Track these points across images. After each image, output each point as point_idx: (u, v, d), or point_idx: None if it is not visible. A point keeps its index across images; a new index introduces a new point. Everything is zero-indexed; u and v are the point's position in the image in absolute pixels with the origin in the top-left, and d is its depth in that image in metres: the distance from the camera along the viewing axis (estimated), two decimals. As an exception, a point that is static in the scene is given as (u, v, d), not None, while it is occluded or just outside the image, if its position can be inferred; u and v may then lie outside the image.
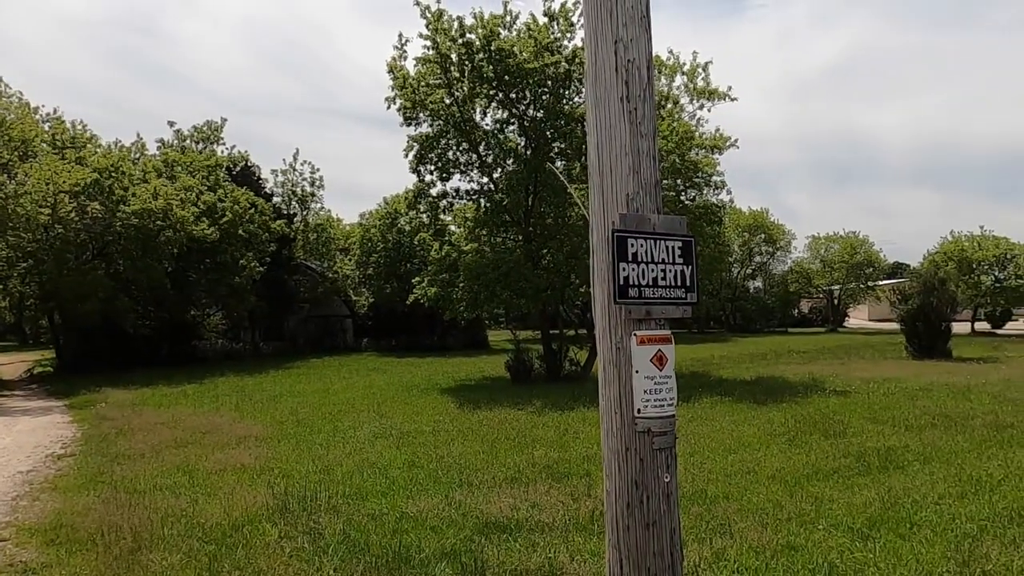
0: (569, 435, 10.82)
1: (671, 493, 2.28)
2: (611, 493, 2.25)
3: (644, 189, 2.36)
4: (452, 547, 5.44)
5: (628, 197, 2.34)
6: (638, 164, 2.35)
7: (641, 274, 2.38)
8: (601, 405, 2.36)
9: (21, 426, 14.63)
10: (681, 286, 2.49)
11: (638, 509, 2.23)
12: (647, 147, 2.37)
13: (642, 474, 2.26)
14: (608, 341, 2.34)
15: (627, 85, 2.34)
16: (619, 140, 2.33)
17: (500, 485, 7.55)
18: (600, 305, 2.35)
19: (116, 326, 27.34)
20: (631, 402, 2.30)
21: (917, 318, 24.74)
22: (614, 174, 2.34)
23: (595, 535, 5.68)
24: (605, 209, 2.36)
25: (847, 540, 5.60)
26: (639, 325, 2.36)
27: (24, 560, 5.73)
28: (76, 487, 8.36)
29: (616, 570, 2.24)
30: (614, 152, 2.34)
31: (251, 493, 7.26)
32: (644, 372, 2.33)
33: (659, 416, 2.31)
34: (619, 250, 2.33)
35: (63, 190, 23.54)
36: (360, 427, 12.02)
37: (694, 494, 7.09)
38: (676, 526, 2.29)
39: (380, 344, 36.99)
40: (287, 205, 40.20)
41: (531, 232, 20.28)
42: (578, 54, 19.66)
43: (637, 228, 2.37)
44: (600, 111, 2.34)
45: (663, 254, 2.44)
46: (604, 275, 2.35)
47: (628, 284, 2.35)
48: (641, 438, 2.29)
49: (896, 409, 12.58)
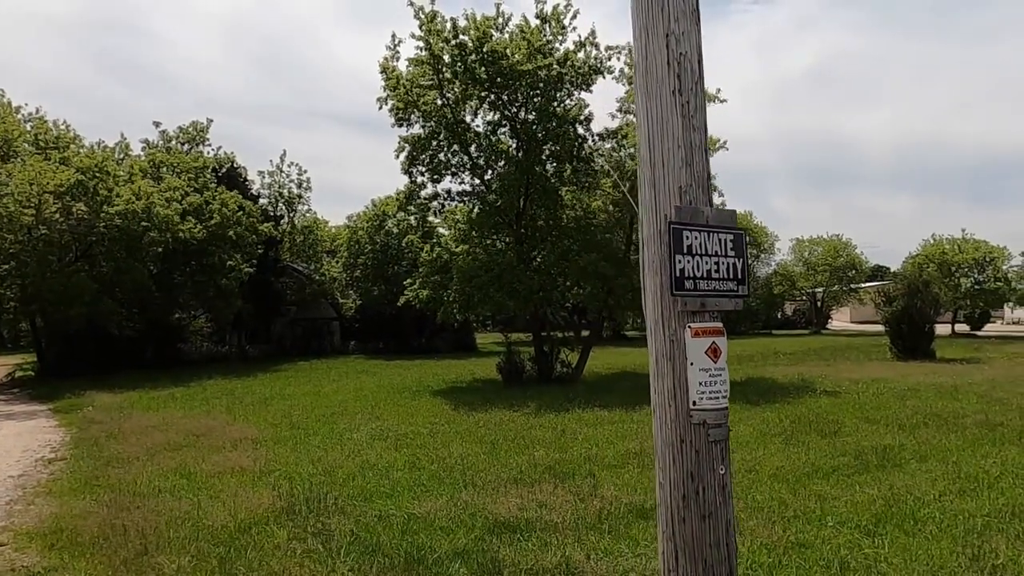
0: (567, 436, 10.84)
1: (726, 485, 2.30)
2: (665, 485, 2.25)
3: (697, 182, 2.38)
4: (464, 547, 5.42)
5: (681, 190, 2.36)
6: (690, 157, 2.37)
7: (696, 266, 2.40)
8: (653, 398, 2.37)
9: (6, 430, 14.35)
10: (733, 279, 2.51)
11: (694, 501, 2.24)
12: (699, 140, 2.38)
13: (697, 466, 2.27)
14: (661, 334, 2.35)
15: (679, 78, 2.36)
16: (671, 133, 2.34)
17: (505, 486, 7.53)
18: (652, 298, 2.35)
19: (100, 329, 26.92)
20: (686, 394, 2.31)
21: (901, 320, 25.11)
22: (666, 167, 2.35)
23: (607, 534, 5.69)
24: (657, 202, 2.37)
25: (855, 537, 5.67)
26: (693, 317, 2.37)
27: (26, 564, 5.62)
28: (71, 491, 8.22)
29: (671, 562, 2.25)
30: (666, 145, 2.35)
31: (254, 495, 7.18)
32: (699, 364, 2.34)
33: (714, 408, 2.33)
34: (675, 242, 2.34)
35: (47, 191, 23.16)
36: (356, 429, 11.94)
37: (699, 493, 7.13)
38: (731, 518, 2.30)
39: (367, 347, 36.79)
40: (274, 207, 39.88)
41: (523, 234, 20.30)
42: (570, 56, 19.74)
43: (691, 221, 2.39)
44: (651, 105, 2.36)
45: (716, 247, 2.46)
46: (657, 268, 2.36)
47: (684, 276, 2.36)
48: (696, 430, 2.30)
49: (887, 409, 12.75)
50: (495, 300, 18.85)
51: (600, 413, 13.33)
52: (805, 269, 55.92)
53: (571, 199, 21.02)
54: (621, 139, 20.62)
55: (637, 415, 13.07)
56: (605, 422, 12.31)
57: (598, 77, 20.27)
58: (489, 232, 20.68)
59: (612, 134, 20.99)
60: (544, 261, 19.68)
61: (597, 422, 12.28)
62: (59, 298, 24.39)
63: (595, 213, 21.21)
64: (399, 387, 19.86)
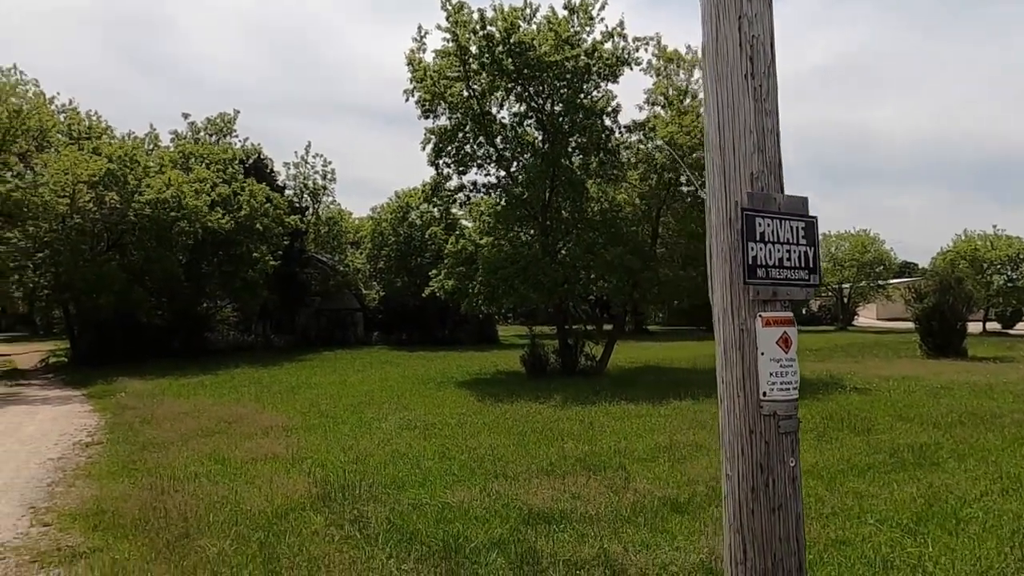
0: (595, 429, 10.81)
1: (796, 477, 2.25)
2: (733, 476, 2.22)
3: (769, 168, 2.32)
4: (500, 537, 5.43)
5: (752, 176, 2.31)
6: (763, 142, 2.31)
7: (768, 254, 2.35)
8: (720, 387, 2.32)
9: (43, 415, 14.68)
10: (804, 267, 2.46)
11: (763, 493, 2.20)
12: (771, 125, 2.33)
13: (767, 457, 2.23)
14: (730, 323, 2.30)
15: (751, 61, 2.30)
16: (743, 118, 2.29)
17: (536, 477, 7.54)
18: (720, 286, 2.31)
19: (129, 317, 27.41)
20: (756, 385, 2.26)
21: (932, 317, 24.64)
22: (737, 153, 2.30)
23: (643, 527, 5.66)
24: (727, 189, 2.32)
25: (896, 535, 5.57)
26: (764, 306, 2.32)
27: (71, 544, 5.74)
28: (109, 474, 8.39)
29: (739, 554, 2.22)
30: (737, 130, 2.30)
31: (288, 481, 7.26)
32: (770, 354, 2.30)
33: (785, 399, 2.28)
34: (748, 229, 2.29)
35: (81, 180, 23.59)
36: (384, 419, 12.03)
37: (732, 488, 7.07)
38: (801, 512, 2.25)
39: (391, 338, 37.01)
40: (299, 198, 40.21)
41: (548, 226, 20.24)
42: (597, 47, 19.59)
43: (764, 207, 2.34)
44: (721, 88, 2.30)
45: (788, 234, 2.41)
46: (727, 255, 2.32)
47: (756, 264, 2.32)
48: (766, 421, 2.25)
49: (920, 407, 12.53)
50: (520, 292, 18.83)
51: (627, 407, 13.26)
52: (832, 264, 55.05)
53: (597, 192, 20.90)
54: (649, 131, 20.43)
55: (664, 409, 13.00)
56: (632, 415, 12.26)
57: (625, 68, 20.10)
58: (514, 224, 20.65)
59: (639, 126, 20.81)
60: (569, 254, 19.60)
61: (624, 415, 12.23)
62: (91, 286, 24.88)
63: (621, 206, 21.06)
64: (424, 378, 19.96)
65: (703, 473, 7.71)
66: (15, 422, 13.41)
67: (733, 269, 2.30)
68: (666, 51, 20.32)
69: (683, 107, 20.07)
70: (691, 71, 20.49)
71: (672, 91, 20.42)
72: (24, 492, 7.66)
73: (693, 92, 20.56)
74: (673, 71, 20.48)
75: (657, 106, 20.84)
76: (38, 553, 5.54)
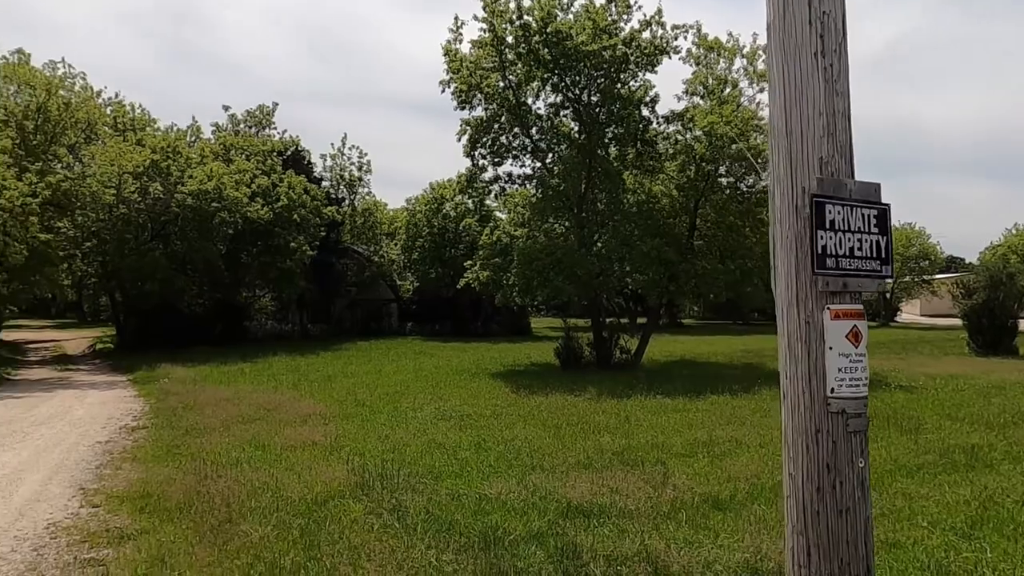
0: (631, 423, 10.69)
1: (865, 479, 2.14)
2: (796, 476, 2.11)
3: (839, 152, 2.20)
4: (539, 530, 5.39)
5: (822, 161, 2.18)
6: (833, 125, 2.19)
7: (838, 243, 2.23)
8: (783, 382, 2.22)
9: (91, 399, 15.16)
10: (876, 257, 2.33)
11: (830, 494, 2.09)
12: (842, 106, 2.20)
13: (835, 457, 2.12)
14: (795, 315, 2.19)
15: (822, 39, 2.17)
16: (812, 99, 2.17)
17: (573, 470, 7.48)
18: (785, 276, 2.20)
19: (172, 306, 28.13)
20: (823, 381, 2.15)
21: (982, 313, 23.79)
22: (805, 136, 2.18)
23: (684, 524, 5.56)
24: (794, 174, 2.20)
25: (950, 539, 5.36)
26: (833, 298, 2.20)
27: (119, 526, 5.88)
28: (155, 458, 8.59)
29: (802, 557, 2.12)
30: (805, 112, 2.18)
31: (327, 469, 7.33)
32: (838, 349, 2.18)
33: (854, 397, 2.17)
34: (817, 217, 2.18)
35: (127, 171, 24.21)
36: (420, 409, 12.09)
37: (775, 486, 6.89)
38: (870, 515, 2.14)
39: (424, 329, 37.29)
40: (335, 189, 40.65)
41: (584, 218, 20.07)
42: (635, 36, 19.29)
43: (834, 194, 2.22)
44: (789, 68, 2.18)
45: (859, 222, 2.28)
46: (792, 244, 2.20)
47: (825, 254, 2.20)
48: (834, 419, 2.14)
49: (970, 406, 12.10)
50: (555, 284, 18.74)
51: (663, 401, 13.10)
52: (874, 258, 53.53)
53: (633, 183, 20.64)
54: (687, 122, 20.07)
55: (701, 404, 12.80)
56: (669, 410, 12.10)
57: (664, 57, 19.76)
58: (549, 216, 20.54)
59: (678, 116, 20.46)
60: (605, 246, 19.42)
61: (660, 410, 12.08)
62: (136, 275, 25.60)
63: (657, 197, 20.76)
64: (458, 368, 20.03)
65: (743, 470, 7.55)
66: (65, 405, 13.87)
67: (799, 259, 2.18)
68: (706, 39, 19.89)
69: (723, 96, 19.64)
70: (732, 60, 20.03)
71: (712, 80, 20.00)
72: (74, 473, 7.90)
73: (734, 81, 20.11)
74: (713, 60, 20.04)
75: (696, 96, 20.44)
76: (88, 534, 5.69)
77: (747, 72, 19.90)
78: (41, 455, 8.95)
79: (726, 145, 18.84)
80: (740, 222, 20.17)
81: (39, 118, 24.89)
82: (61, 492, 7.09)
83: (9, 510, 6.47)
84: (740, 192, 20.56)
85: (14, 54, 26.96)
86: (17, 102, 25.31)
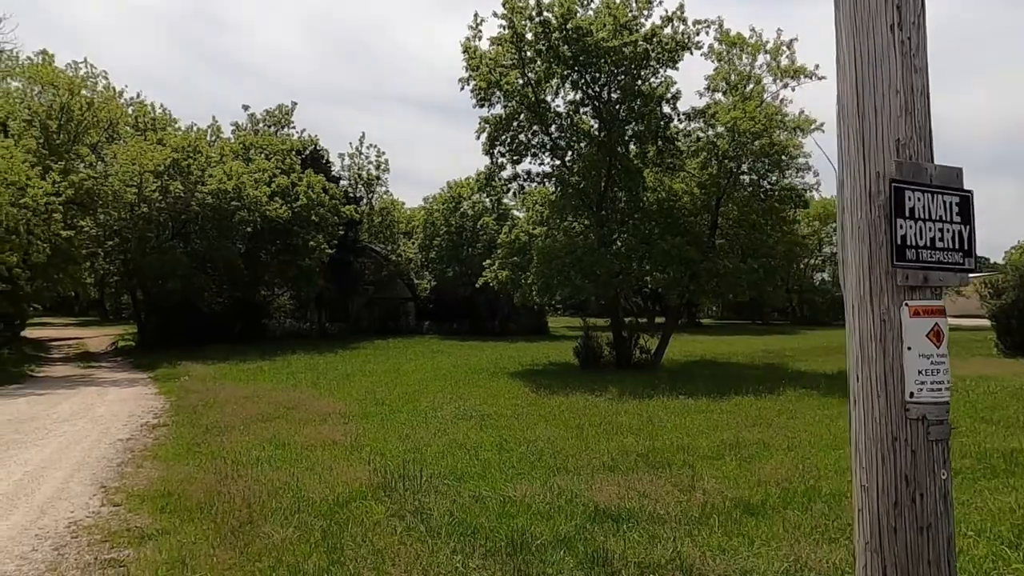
0: (655, 424, 10.49)
1: (948, 493, 1.95)
2: (870, 489, 1.94)
3: (918, 134, 2.01)
4: (567, 535, 5.23)
5: (899, 143, 2.00)
6: (911, 103, 2.00)
7: (918, 233, 2.04)
8: (854, 386, 2.04)
9: (112, 396, 15.24)
10: (959, 249, 2.14)
11: (908, 509, 1.91)
12: (921, 84, 2.02)
13: (914, 469, 1.93)
14: (868, 312, 2.01)
15: (898, 10, 1.99)
16: (887, 75, 1.98)
17: (598, 472, 7.31)
18: (856, 270, 2.02)
19: (192, 304, 28.33)
20: (901, 384, 1.97)
21: (1011, 314, 23.23)
22: (880, 116, 2.00)
23: (717, 530, 5.37)
24: (867, 157, 2.02)
25: (997, 548, 5.12)
26: (912, 293, 2.01)
27: (139, 526, 5.82)
28: (175, 456, 8.55)
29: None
30: (880, 90, 1.99)
31: (349, 469, 7.23)
32: (918, 349, 2.00)
33: (935, 402, 1.98)
34: (896, 204, 1.99)
35: (147, 170, 24.38)
36: (440, 408, 11.98)
37: (807, 490, 6.69)
38: (953, 532, 1.96)
39: (442, 327, 37.25)
40: (353, 188, 40.76)
41: (603, 216, 19.87)
42: (656, 32, 19.04)
43: (914, 179, 2.03)
44: (861, 42, 2.00)
45: (940, 210, 2.09)
46: (865, 235, 2.02)
47: (905, 244, 2.02)
48: (913, 427, 1.96)
49: (1004, 409, 11.73)
50: (575, 283, 18.56)
51: (686, 401, 12.88)
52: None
53: (654, 181, 20.39)
54: (710, 118, 19.78)
55: (725, 405, 12.56)
56: (692, 411, 11.88)
57: (685, 53, 19.50)
58: (568, 214, 20.36)
59: (699, 113, 20.17)
60: (625, 244, 19.20)
61: (684, 410, 11.87)
62: (157, 273, 25.78)
63: (678, 195, 20.49)
64: (476, 368, 19.91)
65: (773, 473, 7.33)
66: (88, 403, 13.94)
67: (874, 250, 1.99)
68: (728, 35, 19.60)
69: (747, 93, 19.33)
70: (755, 55, 19.70)
71: (735, 76, 19.69)
72: (96, 471, 7.87)
73: (757, 77, 19.79)
74: (736, 56, 19.73)
75: (718, 92, 20.14)
76: (109, 533, 5.63)
77: (771, 68, 19.58)
78: (63, 452, 8.95)
79: (749, 141, 18.54)
80: (763, 220, 19.85)
81: (62, 117, 25.18)
82: (83, 490, 7.05)
83: (31, 508, 6.44)
84: (763, 189, 20.23)
85: (38, 55, 27.31)
86: (41, 102, 25.61)
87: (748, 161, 19.48)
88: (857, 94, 2.03)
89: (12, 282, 19.78)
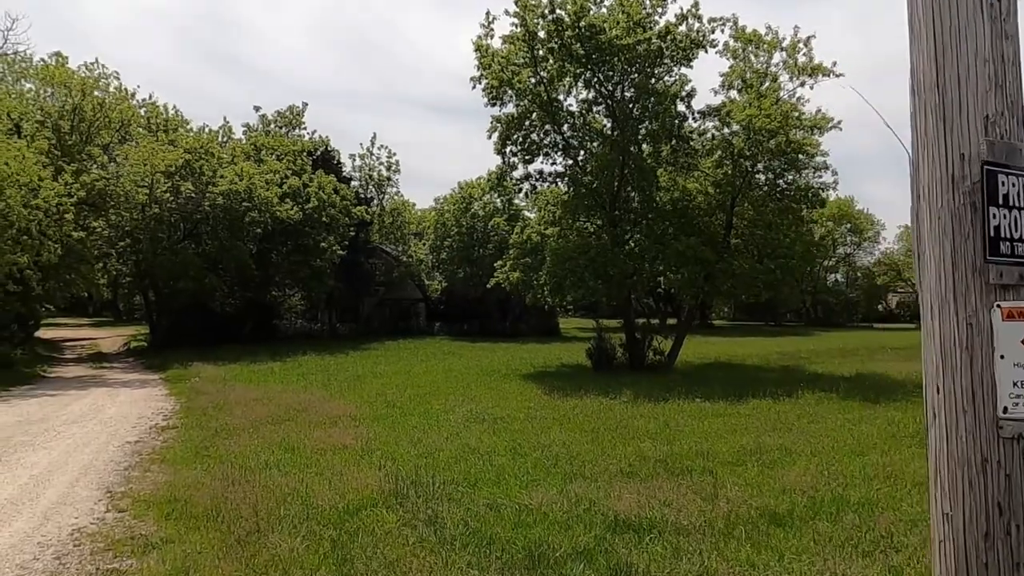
0: (672, 428, 10.23)
1: (1047, 523, 1.71)
2: (955, 517, 1.69)
3: (1010, 109, 1.76)
4: (586, 546, 4.99)
5: (988, 120, 1.73)
6: (1002, 75, 1.74)
7: (1014, 224, 1.77)
8: (934, 398, 1.78)
9: (123, 397, 15.15)
10: None
11: (1002, 542, 1.66)
12: (1012, 52, 1.76)
13: (1008, 496, 1.68)
14: (951, 314, 1.74)
15: (985, -32, 1.74)
16: (972, 43, 1.72)
17: (616, 479, 7.07)
18: (936, 266, 1.77)
19: (203, 305, 28.32)
20: (992, 398, 1.71)
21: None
22: (964, 89, 1.73)
23: (744, 542, 5.12)
24: (948, 136, 1.75)
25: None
26: (1006, 293, 1.76)
27: (144, 533, 5.64)
28: (183, 460, 8.39)
29: (966, 620, 1.70)
30: (964, 60, 1.72)
31: (359, 475, 7.03)
32: (1013, 358, 1.73)
33: (1033, 419, 1.73)
34: (989, 190, 1.73)
35: (159, 170, 24.37)
36: (451, 411, 11.77)
37: (835, 499, 6.41)
38: (1053, 568, 1.71)
39: (452, 329, 37.09)
40: (364, 189, 40.69)
41: (616, 216, 19.60)
42: (671, 29, 18.76)
43: (1007, 161, 1.78)
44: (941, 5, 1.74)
45: (1040, 198, 1.82)
46: (947, 226, 1.76)
47: (999, 237, 1.76)
48: (1007, 447, 1.71)
49: (1033, 414, 11.37)
50: (587, 284, 18.32)
51: (702, 405, 12.61)
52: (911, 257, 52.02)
53: (668, 180, 20.10)
54: (725, 116, 19.47)
55: (743, 408, 12.29)
56: (710, 414, 11.61)
57: (700, 51, 19.21)
58: (581, 214, 20.11)
59: (714, 111, 19.86)
60: (638, 244, 18.93)
61: (701, 414, 11.60)
62: (168, 273, 25.77)
63: (693, 195, 20.18)
64: (488, 369, 19.70)
65: (798, 481, 7.06)
66: (98, 404, 13.85)
67: (958, 243, 1.73)
68: (744, 32, 19.28)
69: (762, 90, 19.00)
70: (771, 53, 19.37)
71: (750, 74, 19.37)
72: (102, 475, 7.72)
73: (773, 75, 19.45)
74: (752, 53, 19.41)
75: (733, 90, 19.82)
76: (112, 541, 5.46)
77: (787, 66, 19.23)
78: (71, 455, 8.82)
79: (765, 139, 18.22)
80: (779, 220, 19.50)
81: (74, 118, 25.22)
82: (88, 495, 6.90)
83: (35, 514, 6.28)
84: (779, 189, 19.89)
85: (52, 57, 27.38)
86: (53, 103, 25.68)
87: (764, 160, 19.15)
88: (936, 64, 1.77)
89: (24, 283, 19.78)
